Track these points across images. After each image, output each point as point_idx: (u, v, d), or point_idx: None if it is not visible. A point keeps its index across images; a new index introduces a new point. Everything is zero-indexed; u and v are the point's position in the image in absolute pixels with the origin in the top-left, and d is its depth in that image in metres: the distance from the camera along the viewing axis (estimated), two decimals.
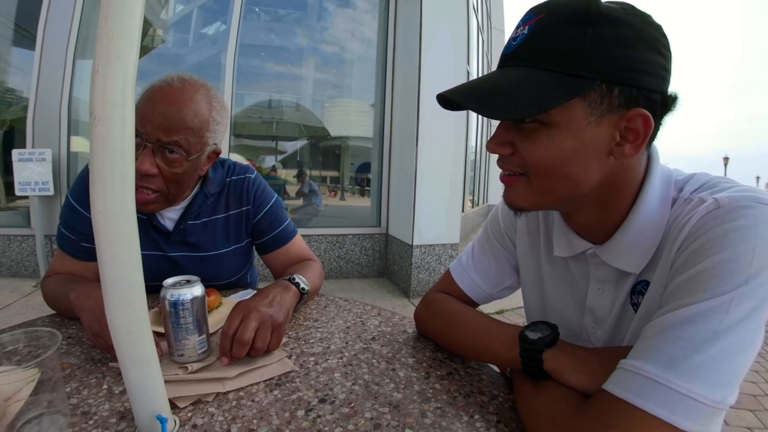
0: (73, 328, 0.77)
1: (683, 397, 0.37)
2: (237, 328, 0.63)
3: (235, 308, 0.68)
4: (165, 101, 0.79)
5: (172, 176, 0.83)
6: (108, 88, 0.39)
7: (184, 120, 0.80)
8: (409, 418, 0.52)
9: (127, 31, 0.39)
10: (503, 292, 0.78)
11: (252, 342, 0.63)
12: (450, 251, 3.51)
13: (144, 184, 0.81)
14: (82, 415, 0.51)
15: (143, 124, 0.77)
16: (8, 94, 4.00)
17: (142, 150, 0.79)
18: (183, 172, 0.84)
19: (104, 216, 0.40)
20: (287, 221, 1.08)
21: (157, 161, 0.80)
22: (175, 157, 0.81)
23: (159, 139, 0.79)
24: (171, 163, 0.81)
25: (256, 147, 4.81)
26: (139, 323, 0.43)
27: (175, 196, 0.88)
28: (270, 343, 0.65)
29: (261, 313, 0.67)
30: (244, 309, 0.67)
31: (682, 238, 0.46)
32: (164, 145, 0.79)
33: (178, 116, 0.79)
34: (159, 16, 4.40)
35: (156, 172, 0.81)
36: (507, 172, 0.53)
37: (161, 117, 0.78)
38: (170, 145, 0.80)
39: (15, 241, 3.57)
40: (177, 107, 0.80)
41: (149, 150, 0.79)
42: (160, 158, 0.81)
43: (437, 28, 3.36)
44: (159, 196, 0.85)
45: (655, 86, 0.45)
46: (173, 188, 0.86)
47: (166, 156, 0.81)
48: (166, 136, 0.79)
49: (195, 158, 0.84)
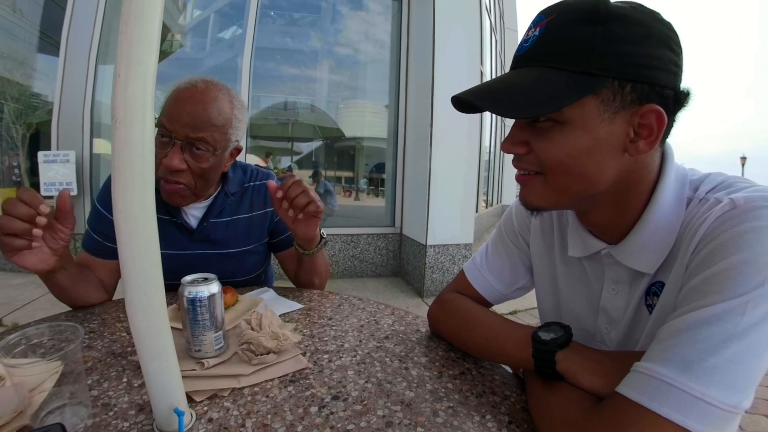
0: (95, 323, 0.79)
1: (698, 401, 0.37)
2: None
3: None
4: (191, 101, 0.85)
5: (200, 171, 0.89)
6: (129, 91, 0.40)
7: (209, 118, 0.86)
8: (421, 416, 0.52)
9: (146, 36, 0.40)
10: (517, 292, 0.78)
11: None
12: (464, 251, 3.49)
13: (173, 179, 0.87)
14: (102, 407, 0.53)
15: (172, 122, 0.83)
16: (34, 98, 4.17)
17: (171, 147, 0.84)
18: (209, 167, 0.89)
19: (125, 215, 0.42)
20: None
21: (185, 157, 0.86)
22: (202, 153, 0.87)
23: (187, 136, 0.84)
24: (198, 158, 0.87)
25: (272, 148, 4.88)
26: (158, 319, 0.45)
27: (201, 190, 0.94)
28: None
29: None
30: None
31: (698, 239, 0.46)
32: (192, 141, 0.85)
33: (205, 114, 0.85)
34: (177, 21, 4.50)
35: (185, 167, 0.86)
36: (522, 172, 0.54)
37: (189, 116, 0.84)
38: (197, 141, 0.86)
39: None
40: (203, 106, 0.85)
41: (178, 147, 0.85)
42: (188, 154, 0.86)
43: (450, 28, 3.36)
44: (187, 190, 0.90)
45: (667, 82, 0.45)
46: (200, 183, 0.91)
47: (193, 152, 0.87)
48: (194, 132, 0.84)
49: (220, 154, 0.90)
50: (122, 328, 0.76)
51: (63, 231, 0.67)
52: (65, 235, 0.68)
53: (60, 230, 0.67)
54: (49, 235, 0.67)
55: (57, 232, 0.67)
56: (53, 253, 0.70)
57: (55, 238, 0.68)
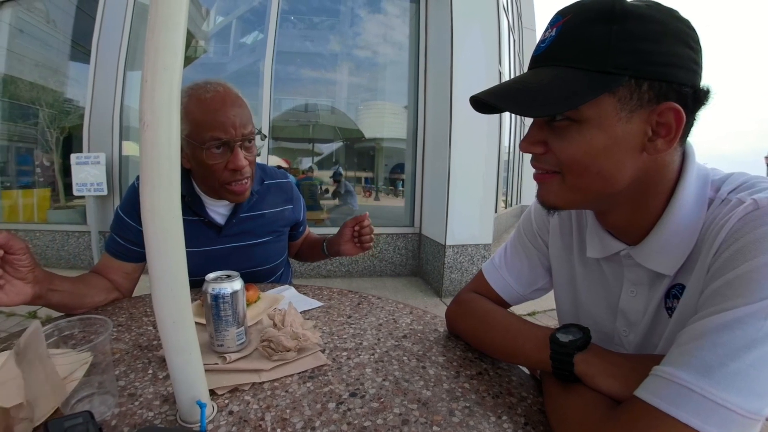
0: (123, 317, 0.82)
1: (717, 407, 0.36)
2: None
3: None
4: (229, 104, 0.91)
5: (253, 161, 0.98)
6: (156, 96, 0.42)
7: (246, 113, 0.93)
8: (438, 415, 0.52)
9: (171, 43, 0.42)
10: (536, 293, 0.77)
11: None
12: (483, 252, 3.46)
13: (240, 178, 0.94)
14: (128, 397, 0.55)
15: (227, 130, 0.88)
16: (66, 103, 4.36)
17: (232, 151, 0.90)
18: (256, 154, 1.00)
19: (152, 214, 0.43)
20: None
21: (244, 154, 0.93)
22: (252, 145, 0.97)
23: (243, 135, 0.91)
24: (250, 150, 0.96)
25: (293, 149, 4.95)
26: (183, 314, 0.46)
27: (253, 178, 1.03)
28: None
29: None
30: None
31: (720, 240, 0.44)
32: (247, 138, 0.93)
33: (244, 111, 0.93)
34: (201, 28, 4.63)
35: (247, 163, 0.93)
36: (540, 171, 0.53)
37: (236, 117, 0.90)
38: (249, 136, 0.94)
39: (73, 237, 3.89)
40: (239, 104, 0.93)
41: (238, 148, 0.91)
42: (245, 151, 0.93)
43: (468, 29, 3.34)
44: (250, 182, 0.99)
45: (686, 79, 0.44)
46: (253, 172, 1.01)
47: (246, 146, 0.94)
48: (245, 129, 0.92)
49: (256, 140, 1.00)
50: (149, 323, 0.79)
51: (18, 258, 0.67)
52: (23, 261, 0.67)
53: (15, 259, 0.66)
54: (10, 268, 0.67)
55: (14, 263, 0.67)
56: (25, 283, 0.69)
57: (16, 268, 0.67)
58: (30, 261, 0.69)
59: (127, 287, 1.00)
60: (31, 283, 0.70)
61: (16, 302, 0.68)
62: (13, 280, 0.68)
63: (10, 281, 0.67)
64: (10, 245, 0.64)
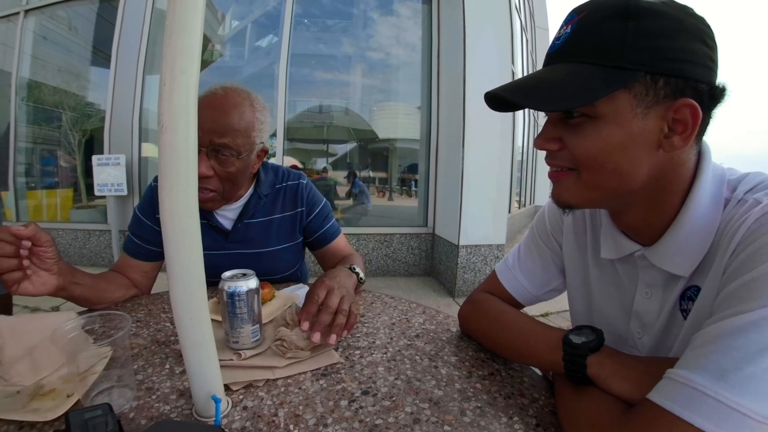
0: (142, 313, 0.85)
1: (732, 411, 0.35)
2: (323, 298, 0.71)
3: (317, 284, 0.76)
4: (211, 107, 0.87)
5: (227, 175, 0.91)
6: (174, 99, 0.43)
7: (230, 123, 0.88)
8: (449, 415, 0.52)
9: (188, 48, 0.43)
10: (549, 294, 0.76)
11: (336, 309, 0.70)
12: (496, 252, 3.44)
13: (202, 186, 0.89)
14: (146, 390, 0.57)
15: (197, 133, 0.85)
16: (88, 107, 4.51)
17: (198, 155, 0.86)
18: (236, 170, 0.92)
19: (171, 214, 0.45)
20: (333, 220, 1.18)
21: (212, 164, 0.89)
22: (226, 158, 0.89)
23: (212, 142, 0.86)
24: (224, 163, 0.90)
25: (308, 150, 5.00)
26: (199, 311, 0.48)
27: (230, 193, 0.97)
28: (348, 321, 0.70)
29: (343, 288, 0.75)
30: (326, 285, 0.74)
31: (736, 241, 0.44)
32: (216, 147, 0.87)
33: (225, 120, 0.87)
34: (217, 32, 4.71)
35: (212, 173, 0.89)
36: (555, 168, 0.53)
37: (210, 122, 0.85)
38: (221, 147, 0.88)
39: (94, 235, 4.03)
40: (223, 111, 0.88)
41: (203, 154, 0.87)
42: (214, 161, 0.89)
43: (480, 29, 3.32)
44: (216, 195, 0.93)
45: (702, 76, 0.44)
46: (228, 186, 0.94)
47: (219, 158, 0.89)
48: (218, 138, 0.87)
49: (245, 157, 0.92)
50: (166, 319, 0.81)
51: (44, 250, 0.70)
52: (48, 253, 0.70)
53: (41, 251, 0.69)
54: (37, 260, 0.70)
55: (40, 255, 0.70)
56: (50, 274, 0.72)
57: (42, 259, 0.70)
58: (55, 253, 0.72)
59: (145, 285, 1.02)
60: (56, 275, 0.73)
61: (41, 292, 0.71)
62: (39, 271, 0.70)
63: (36, 272, 0.70)
64: (37, 237, 0.67)
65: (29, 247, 0.67)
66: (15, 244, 0.65)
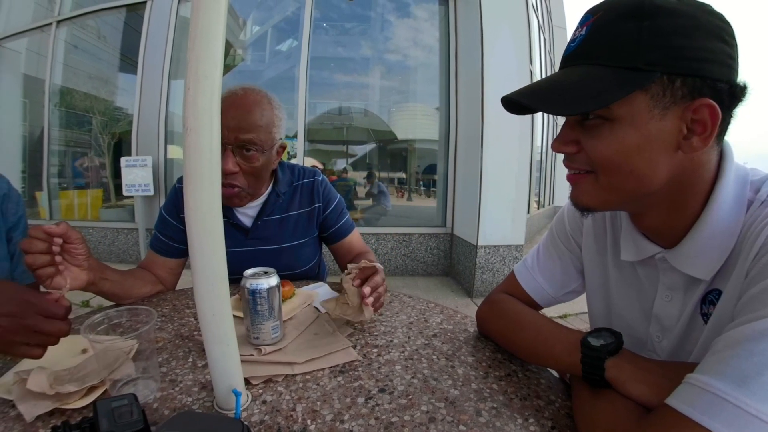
0: (167, 308, 0.88)
1: (752, 418, 0.34)
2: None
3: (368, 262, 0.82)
4: (235, 106, 0.91)
5: (252, 170, 0.96)
6: (198, 103, 0.45)
7: (254, 120, 0.92)
8: (464, 415, 0.52)
9: (211, 53, 0.44)
10: (568, 295, 0.75)
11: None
12: (514, 252, 3.40)
13: (229, 182, 0.94)
14: (169, 382, 0.59)
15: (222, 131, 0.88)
16: (116, 111, 4.71)
17: (224, 153, 0.90)
18: (260, 165, 0.96)
19: (195, 213, 0.46)
20: (348, 216, 1.21)
21: (237, 160, 0.93)
22: (252, 154, 0.94)
23: (237, 138, 0.91)
24: (249, 159, 0.94)
25: (328, 151, 5.05)
26: (222, 307, 0.49)
27: (255, 189, 1.01)
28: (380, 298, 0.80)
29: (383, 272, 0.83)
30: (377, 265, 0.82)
31: (759, 244, 0.42)
32: (242, 144, 0.91)
33: (249, 117, 0.92)
34: (238, 37, 4.83)
35: (238, 170, 0.94)
36: (573, 171, 0.53)
37: (235, 120, 0.90)
38: (247, 143, 0.92)
39: (122, 234, 4.20)
40: (246, 110, 0.92)
41: (229, 151, 0.91)
42: (239, 157, 0.93)
43: (498, 29, 3.30)
44: (241, 191, 0.98)
45: (721, 75, 0.43)
46: (253, 182, 0.99)
47: (244, 154, 0.93)
48: (243, 135, 0.91)
49: (268, 152, 0.97)
50: (190, 314, 0.84)
51: (75, 247, 0.73)
52: (79, 249, 0.73)
53: (72, 248, 0.73)
54: (68, 256, 0.73)
55: (71, 251, 0.73)
56: (81, 270, 0.75)
57: (73, 255, 0.73)
58: (85, 250, 0.76)
59: (170, 281, 1.06)
60: (86, 270, 0.77)
61: (72, 286, 0.74)
62: (70, 267, 0.74)
63: (68, 267, 0.73)
64: (68, 235, 0.70)
65: (61, 244, 0.70)
66: (47, 242, 0.68)
